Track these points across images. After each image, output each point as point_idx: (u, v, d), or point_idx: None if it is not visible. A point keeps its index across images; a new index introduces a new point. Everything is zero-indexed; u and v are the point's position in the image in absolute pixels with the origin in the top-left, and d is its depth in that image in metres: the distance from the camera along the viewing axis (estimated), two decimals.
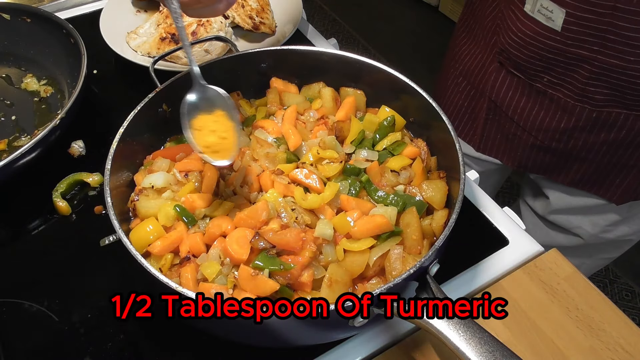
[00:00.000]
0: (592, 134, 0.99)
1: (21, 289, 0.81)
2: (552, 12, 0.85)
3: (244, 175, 0.78)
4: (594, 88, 0.91)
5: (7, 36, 1.15)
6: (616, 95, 0.91)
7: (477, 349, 0.56)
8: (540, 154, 1.09)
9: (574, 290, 0.79)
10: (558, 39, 0.88)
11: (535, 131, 1.05)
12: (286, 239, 0.67)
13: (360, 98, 0.91)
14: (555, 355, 0.73)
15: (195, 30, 1.14)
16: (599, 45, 0.85)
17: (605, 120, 0.96)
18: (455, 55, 1.18)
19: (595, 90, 0.92)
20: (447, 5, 3.42)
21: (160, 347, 0.75)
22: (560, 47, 0.89)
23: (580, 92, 0.94)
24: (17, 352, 0.75)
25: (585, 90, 0.92)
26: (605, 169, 1.05)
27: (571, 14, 0.84)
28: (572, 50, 0.88)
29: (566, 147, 1.04)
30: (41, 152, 0.91)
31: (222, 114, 0.73)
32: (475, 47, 1.12)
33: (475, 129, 1.17)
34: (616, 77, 0.88)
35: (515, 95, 1.04)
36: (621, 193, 1.08)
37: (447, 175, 0.80)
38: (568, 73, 0.93)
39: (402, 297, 0.62)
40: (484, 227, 0.87)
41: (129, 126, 0.78)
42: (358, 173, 0.80)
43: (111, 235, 0.75)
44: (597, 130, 0.98)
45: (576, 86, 0.93)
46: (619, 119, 0.95)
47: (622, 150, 1.00)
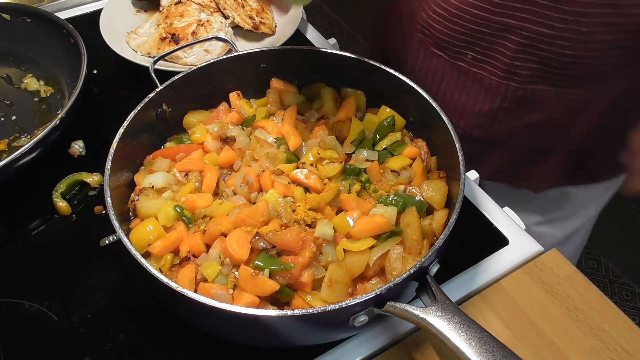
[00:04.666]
0: (517, 116, 0.95)
1: (21, 289, 0.81)
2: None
3: (244, 175, 0.78)
4: (521, 62, 0.87)
5: (7, 36, 1.15)
6: (543, 70, 0.87)
7: (477, 349, 0.56)
8: (462, 144, 1.05)
9: (574, 290, 0.79)
10: (485, 7, 0.84)
11: (457, 117, 0.99)
12: (286, 239, 0.67)
13: (360, 98, 0.91)
14: (555, 355, 0.73)
15: (195, 30, 1.14)
16: (529, 12, 0.81)
17: (531, 99, 0.91)
18: (376, 31, 1.13)
19: (521, 65, 0.88)
20: None
21: (160, 347, 0.75)
22: (488, 16, 0.85)
23: (505, 69, 0.89)
24: (17, 352, 0.75)
25: (512, 65, 0.88)
26: (527, 156, 1.01)
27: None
28: (500, 20, 0.84)
29: (488, 133, 0.99)
30: (41, 152, 0.91)
31: None
32: (393, 28, 1.06)
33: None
34: (544, 47, 0.84)
35: (435, 78, 0.98)
36: (542, 180, 1.04)
37: (447, 175, 0.80)
38: (494, 47, 0.88)
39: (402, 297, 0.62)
40: (484, 227, 0.87)
41: (129, 126, 0.78)
42: (358, 173, 0.80)
43: (111, 235, 0.75)
44: (522, 111, 0.94)
45: (502, 61, 0.89)
46: (544, 98, 0.91)
47: (546, 133, 0.96)
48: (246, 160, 0.81)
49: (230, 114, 0.90)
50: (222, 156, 0.82)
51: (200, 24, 1.15)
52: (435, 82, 0.99)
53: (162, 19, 1.18)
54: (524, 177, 1.05)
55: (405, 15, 1.02)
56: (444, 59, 0.96)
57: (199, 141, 0.85)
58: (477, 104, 0.96)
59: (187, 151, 0.84)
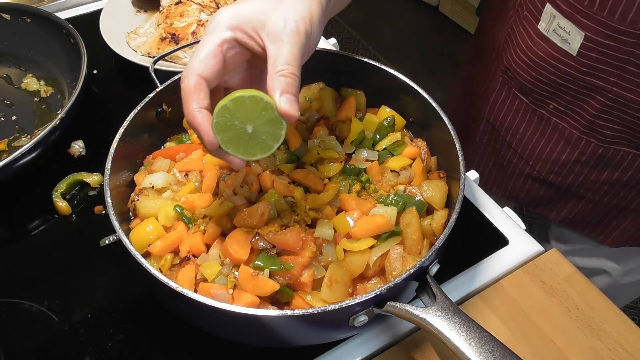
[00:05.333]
0: (595, 170, 0.91)
1: (21, 289, 0.81)
2: (569, 33, 0.77)
3: (244, 175, 0.78)
4: (604, 122, 0.84)
5: (7, 36, 1.15)
6: (627, 133, 0.83)
7: (477, 349, 0.56)
8: (535, 186, 1.01)
9: (574, 290, 0.79)
10: (572, 65, 0.80)
11: (534, 160, 0.97)
12: (286, 239, 0.67)
13: (360, 98, 0.91)
14: (555, 355, 0.73)
15: (195, 30, 1.14)
16: (616, 76, 0.77)
17: (612, 158, 0.88)
18: (462, 75, 1.12)
19: (604, 124, 0.84)
20: (447, 5, 3.42)
21: (160, 347, 0.75)
22: (573, 73, 0.81)
23: (588, 125, 0.85)
24: (17, 352, 0.74)
25: (594, 123, 0.84)
26: (602, 210, 0.97)
27: (590, 39, 0.75)
28: (586, 78, 0.80)
29: (564, 181, 0.96)
30: (41, 152, 0.90)
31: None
32: (481, 65, 1.04)
33: (466, 152, 1.10)
34: (630, 112, 0.80)
35: (516, 119, 0.96)
36: (617, 236, 1.00)
37: (447, 175, 0.80)
38: (577, 103, 0.85)
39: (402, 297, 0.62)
40: (484, 227, 0.87)
41: (129, 126, 0.78)
42: (358, 173, 0.80)
43: (111, 235, 0.75)
44: (600, 167, 0.90)
45: (585, 117, 0.85)
46: (626, 159, 0.87)
47: (624, 192, 0.92)
48: None
49: None
50: None
51: (200, 24, 1.15)
52: (515, 123, 0.96)
53: (162, 19, 1.18)
54: (598, 230, 1.02)
55: (493, 55, 1.00)
56: (526, 104, 0.93)
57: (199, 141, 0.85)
58: (554, 151, 0.93)
59: (187, 151, 0.84)
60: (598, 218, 1.00)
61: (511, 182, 1.05)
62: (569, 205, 1.00)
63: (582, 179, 0.94)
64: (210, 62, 0.57)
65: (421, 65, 3.14)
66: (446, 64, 3.14)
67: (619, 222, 0.99)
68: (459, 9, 3.32)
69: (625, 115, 0.81)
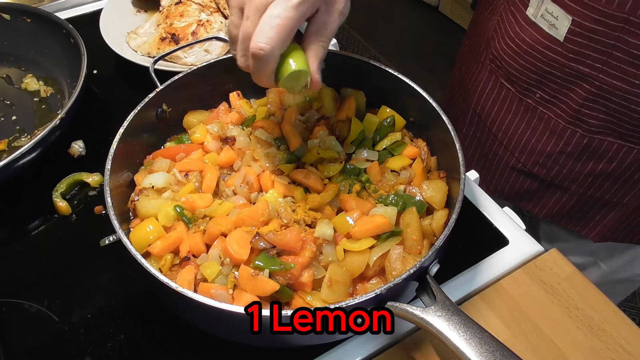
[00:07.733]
0: (579, 162, 0.91)
1: (21, 289, 0.81)
2: (556, 18, 0.78)
3: (244, 175, 0.78)
4: (590, 111, 0.84)
5: (7, 36, 1.15)
6: (612, 122, 0.84)
7: (477, 349, 0.56)
8: (520, 179, 1.01)
9: (574, 290, 0.79)
10: (559, 51, 0.81)
11: (519, 152, 0.97)
12: (286, 239, 0.67)
13: (360, 98, 0.91)
14: (555, 355, 0.73)
15: (195, 30, 1.14)
16: (603, 62, 0.77)
17: (596, 148, 0.88)
18: (454, 69, 1.13)
19: (590, 113, 0.84)
20: (447, 5, 3.43)
21: (160, 347, 0.75)
22: (560, 60, 0.82)
23: (573, 115, 0.86)
24: (17, 352, 0.74)
25: (580, 112, 0.85)
26: (586, 203, 0.97)
27: (578, 23, 0.76)
28: (572, 65, 0.81)
29: (549, 173, 0.96)
30: (41, 152, 0.91)
31: None
32: (471, 56, 1.04)
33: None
34: (616, 100, 0.80)
35: (502, 110, 0.96)
36: (600, 230, 1.00)
37: (447, 175, 0.80)
38: (563, 91, 0.86)
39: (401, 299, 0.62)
40: (484, 227, 0.87)
41: (129, 126, 0.78)
42: (358, 173, 0.80)
43: (111, 235, 0.75)
44: (585, 158, 0.91)
45: (570, 107, 0.86)
46: (610, 149, 0.87)
47: (608, 184, 0.92)
48: (246, 160, 0.81)
49: (231, 114, 0.90)
50: (222, 156, 0.82)
51: (200, 24, 1.15)
52: (501, 113, 0.97)
53: (162, 19, 1.18)
54: (581, 223, 1.02)
55: (482, 45, 1.00)
56: (513, 93, 0.94)
57: (199, 141, 0.85)
58: (539, 142, 0.94)
59: (187, 151, 0.84)
60: (582, 211, 1.00)
61: (496, 175, 1.05)
62: (554, 198, 1.00)
63: (567, 170, 0.94)
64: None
65: (421, 65, 3.14)
66: (446, 64, 3.14)
67: (602, 215, 0.99)
68: (459, 9, 3.32)
69: (611, 103, 0.81)
